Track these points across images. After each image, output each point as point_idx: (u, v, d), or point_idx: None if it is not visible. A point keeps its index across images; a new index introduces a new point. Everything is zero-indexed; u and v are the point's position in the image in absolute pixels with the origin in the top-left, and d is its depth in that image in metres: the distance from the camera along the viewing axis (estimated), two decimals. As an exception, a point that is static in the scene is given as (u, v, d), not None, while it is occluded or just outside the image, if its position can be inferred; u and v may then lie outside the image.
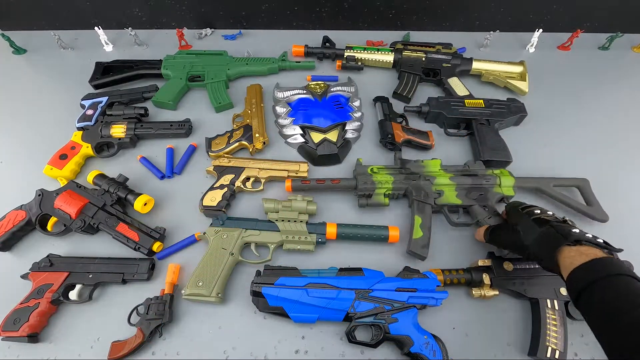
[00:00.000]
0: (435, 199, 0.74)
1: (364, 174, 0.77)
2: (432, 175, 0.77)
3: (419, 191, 0.75)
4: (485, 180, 0.75)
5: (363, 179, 0.76)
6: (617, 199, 0.80)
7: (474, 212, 0.73)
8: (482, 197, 0.74)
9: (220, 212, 0.74)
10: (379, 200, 0.76)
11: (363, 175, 0.77)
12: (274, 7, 1.18)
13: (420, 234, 0.70)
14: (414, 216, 0.72)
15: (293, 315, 0.60)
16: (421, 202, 0.74)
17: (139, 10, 1.18)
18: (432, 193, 0.75)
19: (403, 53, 1.05)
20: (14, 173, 0.84)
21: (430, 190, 0.75)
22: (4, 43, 1.11)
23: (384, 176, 0.77)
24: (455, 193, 0.75)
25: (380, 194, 0.76)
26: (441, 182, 0.76)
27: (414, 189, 0.75)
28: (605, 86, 1.08)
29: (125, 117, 0.89)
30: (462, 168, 0.79)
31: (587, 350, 0.61)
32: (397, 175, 0.77)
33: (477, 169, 0.78)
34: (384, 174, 0.77)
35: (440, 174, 0.77)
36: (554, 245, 0.52)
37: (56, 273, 0.65)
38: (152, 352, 0.60)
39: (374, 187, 0.76)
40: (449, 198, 0.75)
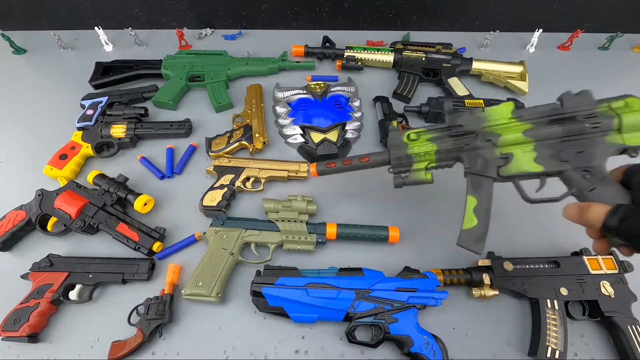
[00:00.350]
0: (500, 167, 0.52)
1: (398, 145, 0.60)
2: (497, 130, 0.53)
3: (475, 159, 0.54)
4: (590, 125, 0.48)
5: (396, 151, 0.60)
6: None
7: (569, 181, 0.51)
8: (583, 155, 0.48)
9: (220, 212, 0.74)
10: (418, 177, 0.59)
11: (396, 147, 0.60)
12: (274, 7, 1.18)
13: (473, 222, 0.53)
14: (467, 196, 0.54)
15: (293, 315, 0.60)
16: (476, 175, 0.53)
17: (139, 10, 1.18)
18: (495, 159, 0.52)
19: (403, 53, 1.05)
20: (14, 173, 0.84)
21: (492, 155, 0.53)
22: (4, 43, 1.11)
23: (424, 145, 0.58)
24: (533, 155, 0.51)
25: (419, 169, 0.58)
26: (510, 140, 0.52)
27: (467, 157, 0.55)
28: (605, 86, 1.08)
29: (125, 117, 0.89)
30: (550, 109, 0.51)
31: (587, 350, 0.61)
32: (444, 139, 0.57)
33: (577, 106, 0.49)
34: (425, 142, 0.58)
35: (511, 125, 0.53)
36: None
37: (56, 273, 0.65)
38: (152, 352, 0.60)
39: (412, 160, 0.59)
40: (523, 164, 0.51)
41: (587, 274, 0.63)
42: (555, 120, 0.50)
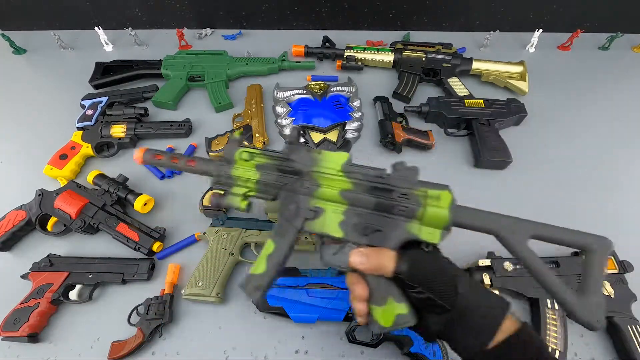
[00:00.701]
0: (307, 220, 0.47)
1: (229, 159, 0.53)
2: (320, 180, 0.48)
3: (289, 203, 0.48)
4: (400, 206, 0.43)
5: (222, 167, 0.52)
6: (617, 199, 0.80)
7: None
8: (381, 235, 0.44)
9: (220, 212, 0.74)
10: (233, 202, 0.51)
11: (226, 161, 0.53)
12: (274, 7, 1.18)
13: (261, 268, 0.47)
14: (268, 239, 0.48)
15: (293, 315, 0.60)
16: (285, 222, 0.48)
17: (139, 10, 1.18)
18: (306, 209, 0.47)
19: (403, 53, 1.05)
20: (14, 173, 0.84)
21: (306, 205, 0.47)
22: (4, 43, 1.11)
23: (249, 170, 0.51)
24: (340, 218, 0.46)
25: (237, 194, 0.51)
26: (326, 195, 0.47)
27: (283, 198, 0.49)
28: (605, 86, 1.08)
29: (125, 117, 0.89)
30: (375, 175, 0.46)
31: (587, 350, 0.61)
32: (270, 171, 0.50)
33: (399, 181, 0.45)
34: (252, 167, 0.51)
35: (336, 180, 0.47)
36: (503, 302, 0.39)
37: (56, 273, 0.65)
38: (152, 352, 0.60)
39: (232, 182, 0.52)
40: (327, 224, 0.46)
41: (587, 274, 0.63)
42: (375, 188, 0.45)
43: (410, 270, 0.40)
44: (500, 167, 0.84)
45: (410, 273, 0.39)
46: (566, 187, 0.82)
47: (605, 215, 0.77)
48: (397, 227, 0.44)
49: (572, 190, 0.82)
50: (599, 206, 0.79)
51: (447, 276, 0.39)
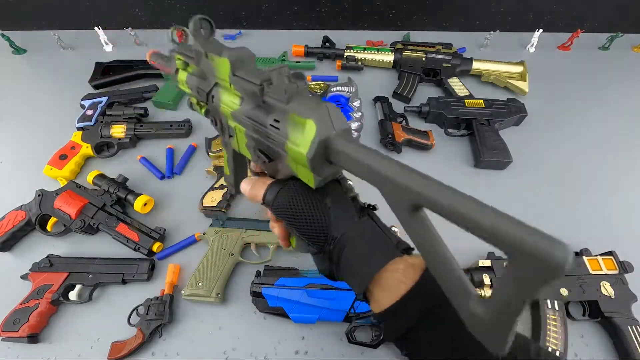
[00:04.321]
0: (230, 137, 0.42)
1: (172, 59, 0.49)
2: (224, 88, 0.40)
3: (215, 115, 0.43)
4: (273, 130, 0.33)
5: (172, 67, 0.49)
6: (617, 199, 0.80)
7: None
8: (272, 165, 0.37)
9: (220, 212, 0.74)
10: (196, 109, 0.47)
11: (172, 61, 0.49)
12: (274, 7, 1.18)
13: (227, 171, 0.49)
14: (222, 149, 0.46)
15: (293, 315, 0.60)
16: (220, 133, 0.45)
17: (139, 10, 1.18)
18: (226, 126, 0.42)
19: (403, 53, 1.05)
20: (14, 173, 0.84)
21: (225, 121, 0.42)
22: (4, 43, 1.11)
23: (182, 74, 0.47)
24: (245, 139, 0.40)
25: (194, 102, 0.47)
26: (226, 111, 0.40)
27: (211, 109, 0.44)
28: (606, 86, 1.08)
29: (125, 117, 0.89)
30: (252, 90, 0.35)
31: (587, 350, 0.61)
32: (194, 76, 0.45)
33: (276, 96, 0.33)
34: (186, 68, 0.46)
35: (230, 90, 0.39)
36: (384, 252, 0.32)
37: (56, 273, 0.65)
38: (152, 352, 0.60)
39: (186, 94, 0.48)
40: (240, 145, 0.42)
41: (587, 274, 0.63)
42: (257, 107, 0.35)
43: (274, 203, 0.36)
44: (500, 168, 0.84)
45: (275, 206, 0.36)
46: (566, 187, 0.82)
47: (605, 216, 0.77)
48: (281, 159, 0.35)
49: (572, 191, 0.81)
50: (599, 206, 0.79)
51: (313, 218, 0.33)
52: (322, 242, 0.34)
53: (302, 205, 0.34)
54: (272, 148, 0.35)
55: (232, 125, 0.40)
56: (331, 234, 0.33)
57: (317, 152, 0.29)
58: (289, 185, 0.35)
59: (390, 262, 0.31)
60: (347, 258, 0.33)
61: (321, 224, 0.33)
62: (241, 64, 0.37)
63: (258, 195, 0.37)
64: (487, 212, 0.21)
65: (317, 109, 0.29)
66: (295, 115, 0.30)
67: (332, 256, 0.34)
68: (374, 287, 0.32)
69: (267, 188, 0.37)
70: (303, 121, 0.29)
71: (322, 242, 0.34)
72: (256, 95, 0.34)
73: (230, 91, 0.38)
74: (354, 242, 0.33)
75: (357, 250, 0.33)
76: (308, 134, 0.29)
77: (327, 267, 0.35)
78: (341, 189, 0.36)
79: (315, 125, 0.29)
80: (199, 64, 0.42)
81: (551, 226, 0.77)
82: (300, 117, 0.30)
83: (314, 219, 0.33)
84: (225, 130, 0.43)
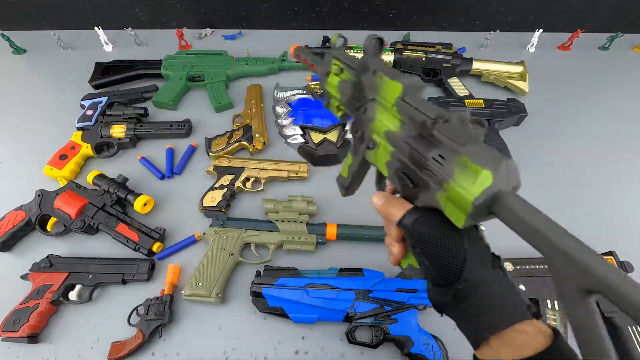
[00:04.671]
0: (368, 148, 0.43)
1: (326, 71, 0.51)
2: (379, 110, 0.41)
3: (361, 126, 0.45)
4: (435, 164, 0.34)
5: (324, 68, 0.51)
6: (617, 199, 0.80)
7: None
8: (413, 191, 0.37)
9: (220, 212, 0.74)
10: (332, 110, 0.52)
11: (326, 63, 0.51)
12: (274, 7, 1.18)
13: (345, 174, 0.51)
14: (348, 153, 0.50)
15: (293, 315, 0.60)
16: (357, 142, 0.47)
17: (139, 10, 1.18)
18: (368, 139, 0.43)
19: (403, 53, 1.05)
20: (14, 173, 0.84)
21: (368, 133, 0.43)
22: (4, 43, 1.11)
23: (332, 86, 0.49)
24: (387, 157, 0.40)
25: (333, 104, 0.51)
26: (376, 131, 0.41)
27: (358, 120, 0.46)
28: (606, 86, 1.08)
29: (125, 117, 0.89)
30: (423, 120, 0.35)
31: (588, 350, 0.61)
32: (347, 91, 0.46)
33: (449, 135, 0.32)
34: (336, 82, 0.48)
35: (388, 114, 0.40)
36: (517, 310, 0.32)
37: (56, 273, 0.65)
38: (151, 352, 0.60)
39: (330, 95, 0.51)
40: (378, 159, 0.42)
41: (587, 274, 0.63)
42: (419, 137, 0.36)
43: (412, 227, 0.36)
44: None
45: (412, 231, 0.36)
46: (566, 187, 0.82)
47: (605, 216, 0.77)
48: (427, 190, 0.35)
49: (572, 191, 0.81)
50: (599, 206, 0.79)
51: (452, 256, 0.34)
52: (453, 279, 0.34)
53: (442, 240, 0.35)
54: (421, 177, 0.36)
55: (377, 140, 0.42)
56: (465, 274, 0.34)
57: (484, 202, 0.30)
58: (431, 216, 0.36)
59: (521, 323, 0.32)
60: (475, 303, 0.34)
61: (457, 262, 0.34)
62: (412, 92, 0.38)
63: (394, 215, 0.38)
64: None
65: (498, 162, 0.29)
66: (469, 159, 0.30)
67: (458, 294, 0.34)
68: (494, 339, 0.32)
69: (407, 212, 0.37)
70: (478, 169, 0.30)
71: (453, 279, 0.34)
72: (424, 126, 0.35)
73: (390, 112, 0.39)
74: (486, 290, 0.34)
75: (487, 299, 0.33)
76: (481, 183, 0.30)
77: (444, 301, 0.36)
78: (478, 234, 0.37)
79: (492, 177, 0.29)
80: (359, 76, 0.44)
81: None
82: (474, 164, 0.30)
83: (452, 255, 0.34)
84: (365, 140, 0.44)
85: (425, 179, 0.35)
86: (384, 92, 0.40)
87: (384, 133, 0.40)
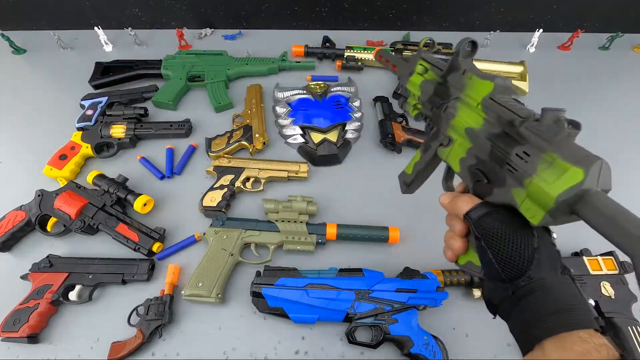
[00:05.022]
0: (441, 145, 0.45)
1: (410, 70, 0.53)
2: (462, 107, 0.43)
3: (435, 122, 0.48)
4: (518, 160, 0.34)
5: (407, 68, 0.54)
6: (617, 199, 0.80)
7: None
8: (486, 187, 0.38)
9: (220, 212, 0.74)
10: (408, 108, 0.54)
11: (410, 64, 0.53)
12: (274, 7, 1.18)
13: (409, 170, 0.52)
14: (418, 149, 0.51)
15: (293, 315, 0.60)
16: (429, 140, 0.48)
17: (139, 10, 1.18)
18: (443, 135, 0.45)
19: (403, 53, 1.05)
20: (14, 173, 0.84)
21: (445, 130, 0.45)
22: (4, 43, 1.11)
23: (415, 85, 0.51)
24: (462, 154, 0.42)
25: (411, 103, 0.53)
26: (456, 127, 0.43)
27: (433, 115, 0.48)
28: (606, 86, 1.08)
29: (125, 117, 0.89)
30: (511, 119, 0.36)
31: (588, 350, 0.61)
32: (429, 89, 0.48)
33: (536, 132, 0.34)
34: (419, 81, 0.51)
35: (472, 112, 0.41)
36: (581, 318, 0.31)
37: (56, 274, 0.65)
38: (151, 352, 0.60)
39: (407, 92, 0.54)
40: (451, 156, 0.44)
41: (587, 274, 0.63)
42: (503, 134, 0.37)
43: (480, 219, 0.37)
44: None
45: (479, 224, 0.36)
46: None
47: (605, 216, 0.77)
48: (503, 186, 0.36)
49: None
50: (599, 206, 0.79)
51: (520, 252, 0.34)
52: (516, 276, 0.34)
53: (511, 234, 0.35)
54: (498, 173, 0.36)
55: (453, 137, 0.43)
56: (530, 272, 0.33)
57: (569, 199, 0.30)
58: (501, 211, 0.36)
59: (584, 331, 0.30)
60: (535, 303, 0.32)
61: (524, 258, 0.34)
62: (501, 92, 0.40)
63: (461, 208, 0.39)
64: None
65: (591, 162, 0.30)
66: (558, 157, 0.31)
67: (518, 292, 0.34)
68: (549, 343, 0.31)
69: (476, 206, 0.38)
70: (567, 166, 0.30)
71: (516, 275, 0.34)
72: (511, 124, 0.36)
73: (475, 110, 0.41)
74: (551, 292, 0.33)
75: (551, 302, 0.32)
76: (570, 179, 0.30)
77: (501, 298, 0.35)
78: (549, 239, 0.36)
79: (583, 175, 0.29)
80: (446, 76, 0.46)
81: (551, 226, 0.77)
82: (564, 162, 0.31)
83: (519, 250, 0.34)
84: (439, 137, 0.46)
85: (502, 176, 0.36)
86: (470, 91, 0.42)
87: (464, 130, 0.41)
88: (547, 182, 0.31)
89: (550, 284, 0.33)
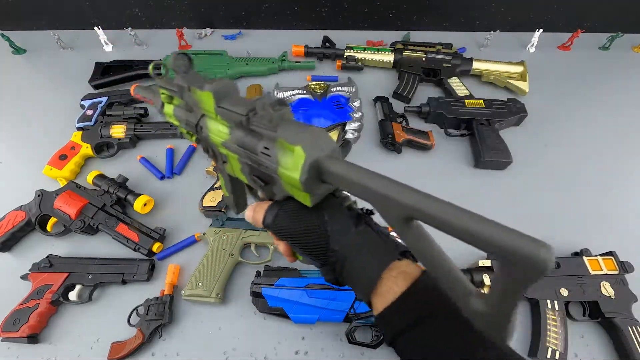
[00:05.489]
0: (224, 163, 0.43)
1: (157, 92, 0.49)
2: (212, 119, 0.40)
3: (207, 145, 0.44)
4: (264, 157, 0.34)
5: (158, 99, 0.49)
6: (617, 199, 0.80)
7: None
8: (269, 188, 0.38)
9: (220, 212, 0.74)
10: (186, 137, 0.49)
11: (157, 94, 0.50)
12: (274, 7, 1.18)
13: (226, 193, 0.50)
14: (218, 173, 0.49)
15: (293, 316, 0.60)
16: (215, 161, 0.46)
17: (139, 10, 1.18)
18: (218, 153, 0.43)
19: (403, 53, 1.05)
20: (14, 173, 0.84)
21: (217, 150, 0.42)
22: (4, 43, 1.11)
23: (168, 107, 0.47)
24: (239, 165, 0.40)
25: (183, 132, 0.48)
26: (216, 141, 0.40)
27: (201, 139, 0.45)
28: (606, 86, 1.08)
29: (125, 117, 0.89)
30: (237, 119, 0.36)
31: (588, 350, 0.61)
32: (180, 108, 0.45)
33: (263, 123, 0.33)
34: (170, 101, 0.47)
35: (219, 121, 0.39)
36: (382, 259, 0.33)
37: (56, 274, 0.65)
38: (151, 352, 0.60)
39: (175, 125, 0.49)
40: (235, 170, 0.42)
41: (587, 274, 0.63)
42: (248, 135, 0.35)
43: (274, 225, 0.37)
44: (500, 168, 0.84)
45: (274, 228, 0.37)
46: (566, 188, 0.82)
47: (605, 216, 0.77)
48: (275, 183, 0.36)
49: (572, 191, 0.81)
50: (599, 206, 0.79)
51: (312, 235, 0.35)
52: (324, 257, 0.35)
53: (300, 224, 0.35)
54: (266, 173, 0.36)
55: (224, 152, 0.41)
56: (331, 247, 0.34)
57: (309, 175, 0.30)
58: (286, 206, 0.37)
59: (386, 270, 0.32)
60: (349, 269, 0.34)
61: (320, 239, 0.34)
62: (224, 95, 0.38)
63: (259, 220, 0.39)
64: (475, 220, 0.23)
65: (303, 134, 0.30)
66: (284, 141, 0.31)
67: (335, 267, 0.35)
68: (373, 297, 0.33)
69: (266, 211, 0.38)
70: (291, 147, 0.30)
71: (323, 256, 0.35)
72: (242, 125, 0.35)
73: (218, 121, 0.39)
74: (353, 253, 0.34)
75: (357, 262, 0.33)
76: (297, 159, 0.30)
77: (333, 278, 0.36)
78: (337, 201, 0.36)
79: (303, 150, 0.30)
80: (182, 97, 0.43)
81: (551, 226, 0.77)
82: (288, 143, 0.31)
83: (312, 235, 0.35)
84: (218, 157, 0.44)
85: (268, 174, 0.35)
86: (204, 105, 0.40)
87: (221, 144, 0.40)
88: (287, 168, 0.31)
89: (349, 246, 0.34)
